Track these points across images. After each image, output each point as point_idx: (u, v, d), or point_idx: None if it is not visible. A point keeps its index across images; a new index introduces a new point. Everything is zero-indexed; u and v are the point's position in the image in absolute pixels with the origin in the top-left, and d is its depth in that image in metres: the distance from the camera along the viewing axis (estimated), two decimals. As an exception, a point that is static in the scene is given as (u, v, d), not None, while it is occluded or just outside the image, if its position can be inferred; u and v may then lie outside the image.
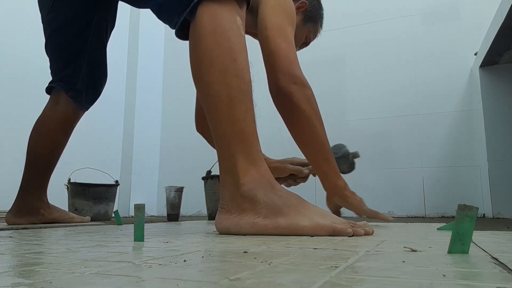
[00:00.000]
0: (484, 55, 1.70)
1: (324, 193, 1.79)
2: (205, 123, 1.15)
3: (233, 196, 0.69)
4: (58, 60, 1.15)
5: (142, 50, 2.71)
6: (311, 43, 1.32)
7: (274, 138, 2.38)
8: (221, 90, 0.69)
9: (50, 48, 1.15)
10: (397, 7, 2.26)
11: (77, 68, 1.14)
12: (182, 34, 0.80)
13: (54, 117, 1.16)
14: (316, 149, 0.98)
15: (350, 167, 1.25)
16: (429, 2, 2.18)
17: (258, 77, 1.00)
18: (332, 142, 2.50)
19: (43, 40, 1.16)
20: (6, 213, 1.14)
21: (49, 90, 1.19)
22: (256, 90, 1.07)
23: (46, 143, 1.16)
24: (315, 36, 1.29)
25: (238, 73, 0.70)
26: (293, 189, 1.14)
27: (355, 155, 1.27)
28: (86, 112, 1.23)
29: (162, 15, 0.83)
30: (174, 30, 0.81)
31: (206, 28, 0.71)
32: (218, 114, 0.70)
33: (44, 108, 1.18)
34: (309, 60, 2.44)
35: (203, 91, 0.73)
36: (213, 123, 0.71)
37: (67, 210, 1.59)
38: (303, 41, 1.24)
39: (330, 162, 0.99)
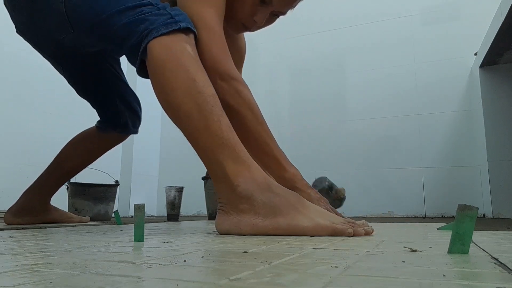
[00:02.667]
0: (484, 55, 1.70)
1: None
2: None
3: (230, 199, 0.69)
4: (94, 104, 1.21)
5: (142, 50, 2.71)
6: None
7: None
8: (190, 109, 0.72)
9: (80, 94, 1.19)
10: (397, 8, 2.26)
11: (114, 110, 1.20)
12: (144, 74, 0.83)
13: (101, 145, 1.22)
14: (256, 147, 0.86)
15: (333, 205, 1.08)
16: (429, 2, 2.18)
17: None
18: (333, 142, 2.50)
19: None
20: (4, 213, 1.14)
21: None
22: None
23: (79, 160, 1.21)
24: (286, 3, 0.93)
25: (200, 89, 0.73)
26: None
27: (339, 193, 1.13)
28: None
29: (129, 60, 0.86)
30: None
31: (159, 59, 0.75)
32: (194, 131, 0.72)
33: (93, 129, 1.22)
34: (309, 60, 2.45)
35: (174, 115, 0.76)
36: (193, 141, 0.73)
37: (67, 210, 1.59)
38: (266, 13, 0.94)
39: (271, 153, 0.86)
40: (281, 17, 0.97)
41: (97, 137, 1.21)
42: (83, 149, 1.21)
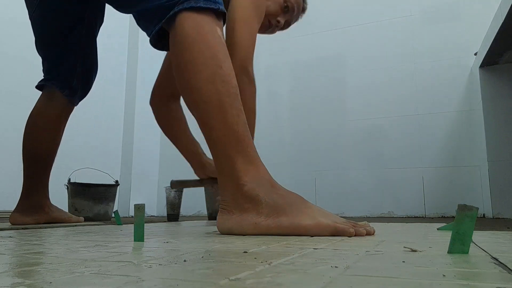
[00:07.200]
0: (484, 55, 1.70)
1: (323, 193, 1.75)
2: (162, 96, 1.19)
3: (234, 197, 0.69)
4: (50, 58, 1.13)
5: (142, 50, 2.71)
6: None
7: (274, 140, 2.38)
8: (211, 96, 0.70)
9: (40, 45, 1.13)
10: (397, 7, 2.26)
11: (71, 66, 1.12)
12: (157, 43, 0.81)
13: (50, 114, 1.14)
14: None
15: None
16: (429, 2, 2.18)
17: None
18: (333, 142, 2.49)
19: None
20: (11, 213, 1.14)
21: (40, 87, 1.17)
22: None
23: (45, 141, 1.15)
24: (296, 17, 1.27)
25: (225, 79, 0.71)
26: (292, 188, 1.14)
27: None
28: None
29: (140, 21, 0.82)
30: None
31: (188, 37, 0.72)
32: (210, 119, 0.71)
33: (37, 105, 1.16)
34: (310, 60, 2.45)
35: (192, 98, 0.73)
36: (206, 128, 0.72)
37: (67, 210, 1.59)
38: (280, 24, 1.23)
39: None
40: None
41: (47, 114, 1.13)
42: (44, 135, 1.14)
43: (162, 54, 1.19)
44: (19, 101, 1.95)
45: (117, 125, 2.63)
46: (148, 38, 0.81)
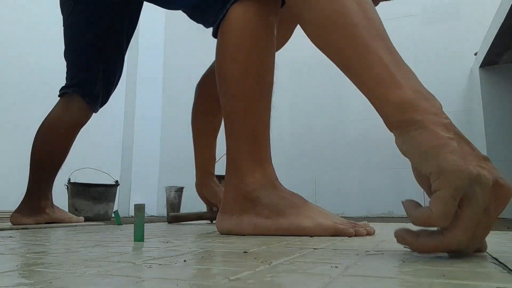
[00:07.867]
0: (484, 55, 1.70)
1: (323, 193, 1.71)
2: (210, 86, 1.06)
3: (235, 196, 0.69)
4: (77, 65, 1.14)
5: (142, 50, 2.71)
6: None
7: (275, 140, 2.38)
8: (240, 89, 0.68)
9: (69, 52, 1.15)
10: (397, 7, 2.25)
11: (94, 73, 1.14)
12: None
13: (66, 122, 1.15)
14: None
15: None
16: (429, 2, 2.18)
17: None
18: (334, 142, 2.49)
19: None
20: (11, 213, 1.14)
21: (62, 95, 1.18)
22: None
23: (57, 149, 1.16)
24: None
25: (261, 73, 0.69)
26: (292, 188, 1.14)
27: None
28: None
29: (195, 15, 0.80)
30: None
31: (234, 24, 0.69)
32: (233, 113, 0.69)
33: (53, 112, 1.16)
34: (310, 61, 2.45)
35: (222, 87, 0.71)
36: (227, 120, 0.71)
37: (67, 210, 1.59)
38: None
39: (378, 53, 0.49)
40: None
41: (63, 121, 1.14)
42: (57, 142, 1.15)
43: (162, 55, 1.18)
44: (20, 102, 1.95)
45: (117, 125, 2.63)
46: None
